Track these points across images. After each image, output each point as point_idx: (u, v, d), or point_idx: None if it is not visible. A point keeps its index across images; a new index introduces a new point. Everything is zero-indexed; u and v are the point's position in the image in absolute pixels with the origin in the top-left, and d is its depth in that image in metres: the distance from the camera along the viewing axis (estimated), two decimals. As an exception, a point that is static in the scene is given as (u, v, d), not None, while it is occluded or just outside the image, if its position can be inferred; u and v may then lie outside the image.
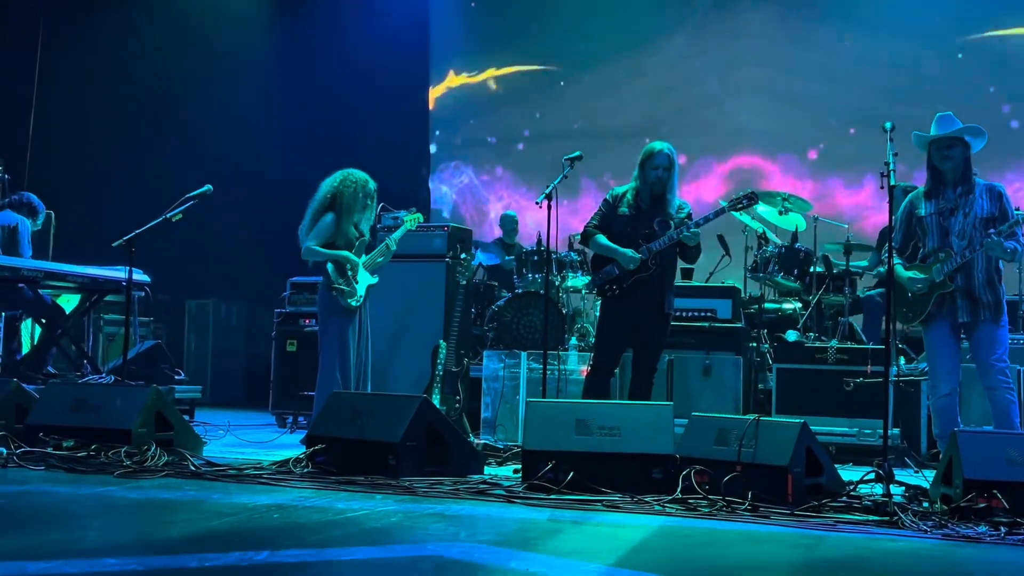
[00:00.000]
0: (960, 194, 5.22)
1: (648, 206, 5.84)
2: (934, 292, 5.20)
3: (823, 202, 9.60)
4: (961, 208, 5.21)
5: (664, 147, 5.84)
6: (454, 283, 7.23)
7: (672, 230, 5.72)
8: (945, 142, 5.21)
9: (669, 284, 5.89)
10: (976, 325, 5.20)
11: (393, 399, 5.31)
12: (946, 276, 5.16)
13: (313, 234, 6.27)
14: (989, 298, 5.19)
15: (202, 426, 6.93)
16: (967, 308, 5.19)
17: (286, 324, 8.25)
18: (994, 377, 5.14)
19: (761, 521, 4.02)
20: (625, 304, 5.82)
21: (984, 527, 3.85)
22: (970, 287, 5.18)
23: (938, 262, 5.20)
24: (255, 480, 4.74)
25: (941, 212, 5.24)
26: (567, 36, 11.44)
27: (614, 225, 5.87)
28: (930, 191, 5.30)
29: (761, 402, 7.06)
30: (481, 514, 4.06)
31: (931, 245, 5.28)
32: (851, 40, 10.21)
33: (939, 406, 5.27)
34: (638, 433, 4.72)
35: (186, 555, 3.13)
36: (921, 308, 5.25)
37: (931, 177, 5.32)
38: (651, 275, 5.76)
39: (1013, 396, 5.16)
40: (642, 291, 5.78)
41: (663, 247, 5.73)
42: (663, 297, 5.83)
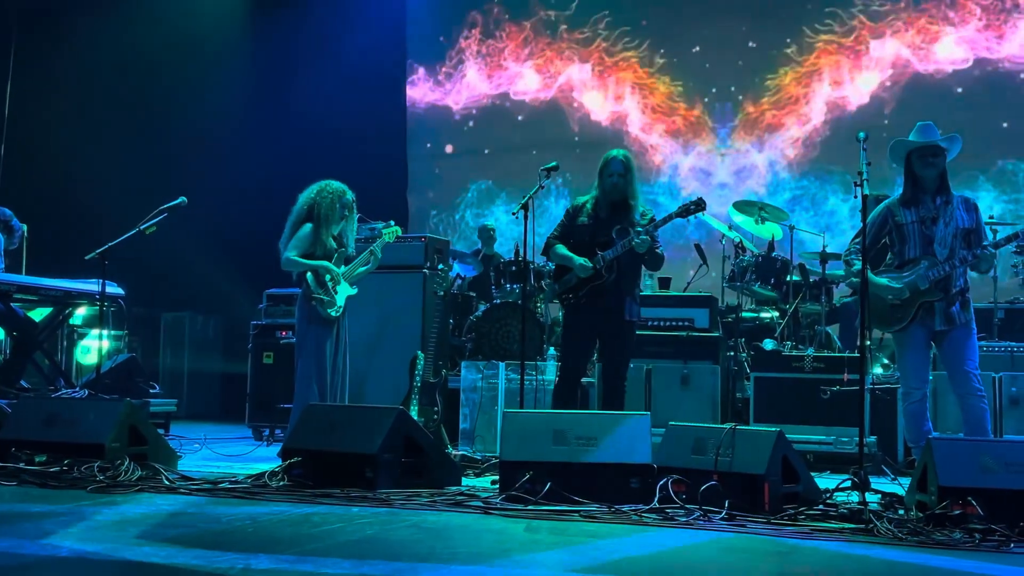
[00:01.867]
0: (940, 204, 5.28)
1: (607, 214, 5.82)
2: (918, 299, 5.24)
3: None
4: (942, 217, 5.26)
5: (619, 153, 5.84)
6: (431, 294, 7.23)
7: (624, 238, 5.68)
8: (930, 150, 5.27)
9: (629, 291, 5.82)
10: (950, 333, 5.26)
11: (369, 411, 5.30)
12: (932, 284, 5.21)
13: (292, 244, 6.28)
14: (964, 308, 5.27)
15: (177, 440, 6.90)
16: (944, 317, 5.24)
17: (262, 336, 8.22)
18: (968, 385, 5.20)
19: (738, 530, 4.04)
20: (584, 313, 5.81)
21: (959, 534, 3.88)
22: (948, 296, 5.24)
23: (920, 269, 5.24)
24: (230, 494, 4.71)
25: (923, 220, 5.28)
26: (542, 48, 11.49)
27: (574, 235, 5.85)
28: (909, 199, 5.34)
29: (739, 411, 7.10)
30: (458, 525, 4.06)
31: (911, 253, 5.31)
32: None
33: (912, 411, 5.34)
34: (616, 443, 4.74)
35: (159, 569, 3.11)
36: (903, 315, 5.28)
37: (910, 185, 5.35)
38: (607, 283, 5.73)
39: (986, 404, 5.23)
40: (599, 299, 5.76)
41: (616, 255, 5.70)
42: (622, 305, 5.78)
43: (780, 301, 7.70)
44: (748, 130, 10.56)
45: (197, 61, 11.01)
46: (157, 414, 7.70)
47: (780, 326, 7.53)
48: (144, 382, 7.97)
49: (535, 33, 11.58)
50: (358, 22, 11.67)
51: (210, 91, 11.10)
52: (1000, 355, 6.66)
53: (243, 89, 11.48)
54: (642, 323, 6.08)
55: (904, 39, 10.04)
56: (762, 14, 10.58)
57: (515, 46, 11.66)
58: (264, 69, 11.61)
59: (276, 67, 11.59)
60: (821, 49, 10.32)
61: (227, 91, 11.33)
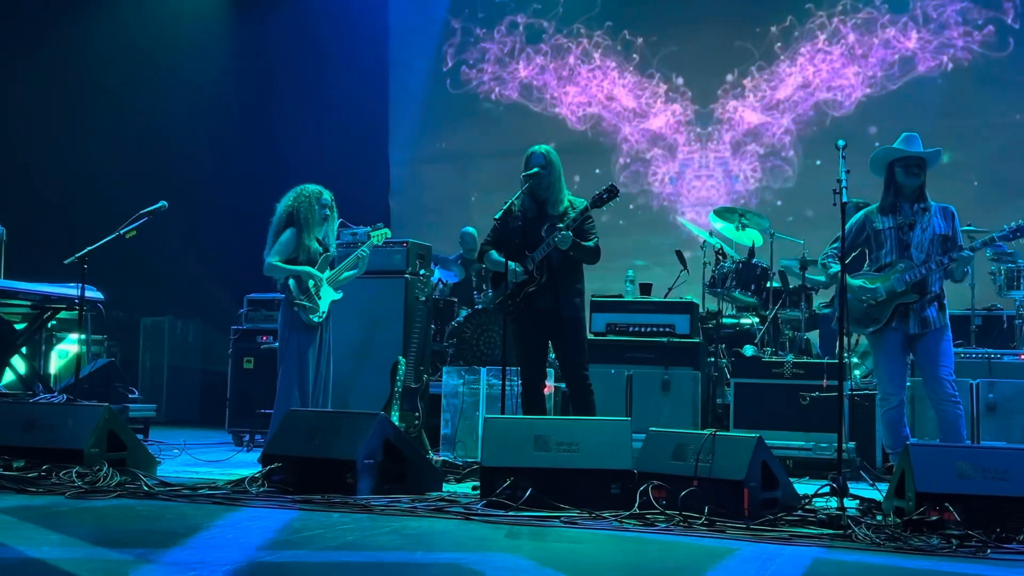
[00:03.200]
0: (918, 210, 5.39)
1: (535, 213, 5.75)
2: (893, 301, 5.32)
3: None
4: (919, 223, 5.38)
5: (540, 148, 5.76)
6: (413, 299, 7.23)
7: (550, 236, 5.59)
8: (915, 160, 5.39)
9: (565, 289, 5.69)
10: (925, 338, 5.33)
11: (351, 416, 5.30)
12: (908, 286, 5.28)
13: (275, 250, 6.26)
14: (939, 312, 5.35)
15: (156, 445, 6.86)
16: (919, 320, 5.33)
17: (243, 341, 8.19)
18: (943, 391, 5.30)
19: (717, 535, 4.06)
20: (525, 317, 5.75)
21: (936, 540, 3.91)
22: (924, 299, 5.32)
23: (897, 272, 5.33)
24: (210, 499, 4.69)
25: (900, 226, 5.41)
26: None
27: (507, 238, 5.75)
28: (887, 206, 5.46)
29: (719, 416, 7.13)
30: (438, 531, 4.06)
31: (888, 258, 5.43)
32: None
33: (889, 418, 5.41)
34: (596, 449, 4.75)
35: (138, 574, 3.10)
36: (879, 315, 5.37)
37: (891, 192, 5.47)
38: (541, 284, 5.66)
39: (961, 410, 5.32)
40: (536, 301, 5.69)
41: (544, 254, 5.63)
42: (558, 303, 5.67)
43: (760, 307, 7.74)
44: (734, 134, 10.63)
45: (178, 63, 10.97)
46: (136, 419, 7.66)
47: (760, 332, 7.57)
48: (123, 387, 7.94)
49: (518, 38, 11.60)
50: (341, 23, 11.65)
51: (191, 94, 11.06)
52: (977, 362, 6.72)
53: (225, 92, 11.45)
54: (580, 317, 5.84)
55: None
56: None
57: (499, 50, 11.68)
58: (246, 72, 11.59)
59: (258, 70, 11.57)
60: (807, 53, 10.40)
61: (208, 94, 11.30)
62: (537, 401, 5.87)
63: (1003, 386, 6.45)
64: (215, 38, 11.66)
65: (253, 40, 11.63)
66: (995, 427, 6.39)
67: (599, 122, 11.05)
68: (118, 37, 10.65)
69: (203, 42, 11.47)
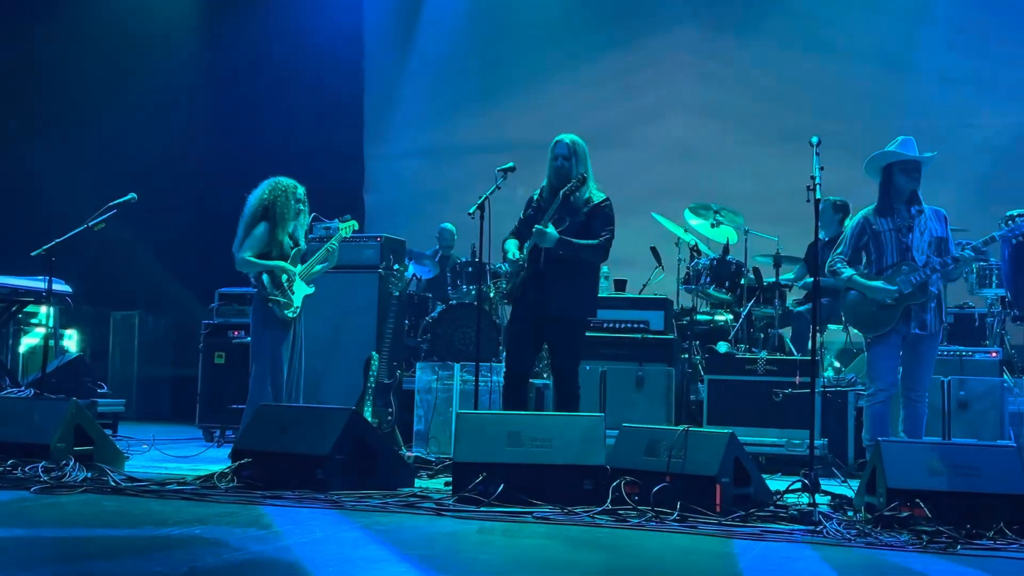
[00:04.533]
0: (914, 213, 5.46)
1: (548, 203, 5.54)
2: (902, 303, 5.37)
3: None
4: (917, 226, 5.44)
5: (566, 137, 5.59)
6: (387, 294, 7.20)
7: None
8: (914, 164, 5.43)
9: (557, 286, 5.44)
10: (923, 339, 5.42)
11: (322, 411, 5.27)
12: (915, 288, 5.34)
13: (247, 244, 6.19)
14: (936, 316, 5.44)
15: (125, 441, 6.80)
16: (919, 322, 5.39)
17: (214, 336, 8.12)
18: (920, 391, 5.44)
19: (689, 531, 4.07)
20: (519, 308, 5.62)
21: (907, 536, 3.94)
22: (927, 302, 5.40)
23: (902, 274, 5.37)
24: (178, 495, 4.65)
25: (899, 229, 5.45)
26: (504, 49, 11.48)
27: (526, 228, 5.57)
28: (883, 209, 5.50)
29: (693, 413, 7.15)
30: (409, 527, 4.04)
31: (888, 260, 5.45)
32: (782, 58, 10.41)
33: (875, 411, 5.47)
34: (569, 445, 4.75)
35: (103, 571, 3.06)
36: (889, 318, 5.41)
37: (888, 195, 5.50)
38: (532, 275, 5.47)
39: (927, 408, 5.48)
40: (529, 293, 5.52)
41: (532, 246, 5.44)
42: (549, 299, 5.44)
43: (734, 304, 7.77)
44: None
45: (147, 53, 10.83)
46: (105, 414, 7.58)
47: (734, 329, 7.59)
48: (92, 382, 7.85)
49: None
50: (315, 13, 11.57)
51: (161, 85, 10.93)
52: (949, 359, 6.76)
53: (194, 82, 11.34)
54: (588, 318, 5.72)
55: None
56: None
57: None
58: (216, 62, 11.47)
59: (228, 60, 11.44)
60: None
61: (178, 85, 11.18)
62: (517, 397, 5.70)
63: (974, 383, 6.50)
64: (185, 31, 11.53)
65: (225, 32, 11.50)
66: (966, 424, 6.44)
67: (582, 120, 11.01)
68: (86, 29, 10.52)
69: (174, 34, 11.34)
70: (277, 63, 11.27)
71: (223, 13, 11.51)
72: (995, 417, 6.41)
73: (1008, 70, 9.67)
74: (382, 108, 12.00)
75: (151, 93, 10.81)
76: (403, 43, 12.00)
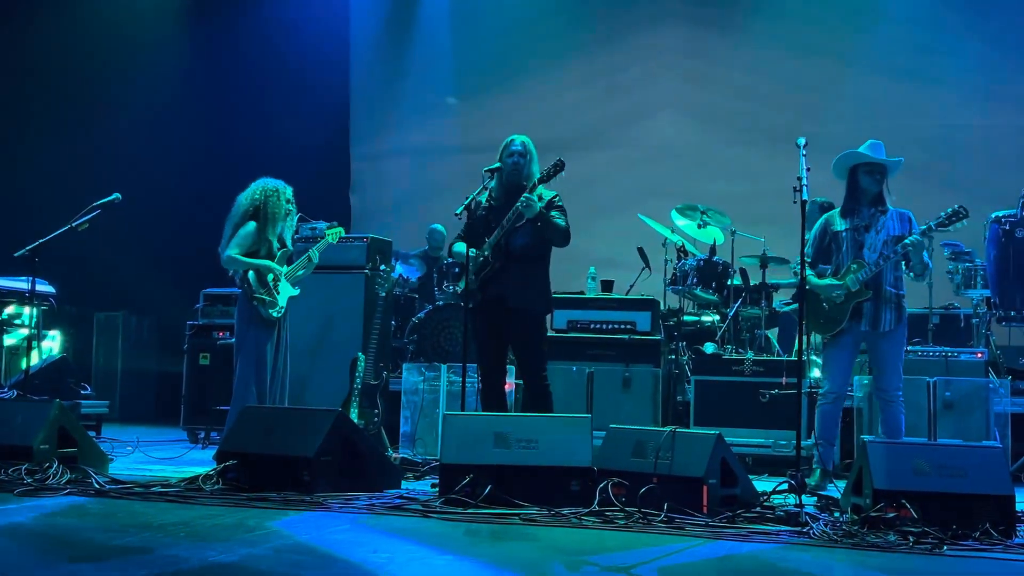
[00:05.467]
0: (874, 213, 5.55)
1: (502, 201, 5.65)
2: (851, 301, 5.45)
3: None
4: (874, 226, 5.54)
5: (518, 137, 5.72)
6: (373, 295, 7.19)
7: (504, 219, 5.48)
8: (878, 167, 5.53)
9: (518, 278, 5.55)
10: (881, 339, 5.47)
11: (307, 413, 5.25)
12: (862, 284, 5.42)
13: (234, 242, 6.17)
14: (894, 311, 5.49)
15: (109, 442, 6.78)
16: (871, 319, 5.47)
17: (199, 337, 8.09)
18: (892, 392, 5.51)
19: (676, 532, 4.07)
20: (481, 306, 5.64)
21: (893, 536, 3.95)
22: (878, 298, 5.46)
23: (851, 272, 5.46)
24: (162, 498, 4.63)
25: (856, 228, 5.57)
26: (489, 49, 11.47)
27: (475, 228, 5.67)
28: (847, 210, 5.62)
29: (680, 414, 7.16)
30: (396, 529, 4.04)
31: (846, 260, 5.56)
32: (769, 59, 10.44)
33: (824, 411, 5.58)
34: (556, 446, 4.75)
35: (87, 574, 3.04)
36: (839, 317, 5.49)
37: (851, 197, 5.62)
38: (494, 271, 5.53)
39: (903, 410, 5.54)
40: (489, 289, 5.58)
41: (498, 239, 5.51)
42: (506, 292, 5.53)
43: (721, 305, 7.78)
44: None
45: (132, 52, 10.76)
46: (88, 416, 7.56)
47: (721, 330, 7.61)
48: (75, 383, 7.82)
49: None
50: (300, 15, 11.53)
51: (145, 84, 10.86)
52: (935, 360, 6.78)
53: (179, 82, 11.26)
54: (545, 315, 5.79)
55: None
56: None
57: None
58: (201, 61, 11.40)
59: (213, 59, 11.38)
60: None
61: (163, 84, 11.10)
62: (496, 398, 5.77)
63: (960, 384, 6.52)
64: (170, 32, 11.47)
65: (210, 32, 11.44)
66: (952, 425, 6.47)
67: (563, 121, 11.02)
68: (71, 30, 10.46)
69: (159, 35, 11.27)
70: (263, 63, 11.22)
71: (208, 14, 11.46)
72: (981, 418, 6.44)
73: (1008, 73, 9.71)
74: (368, 108, 11.97)
75: (135, 93, 10.74)
76: (389, 43, 11.97)
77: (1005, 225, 6.86)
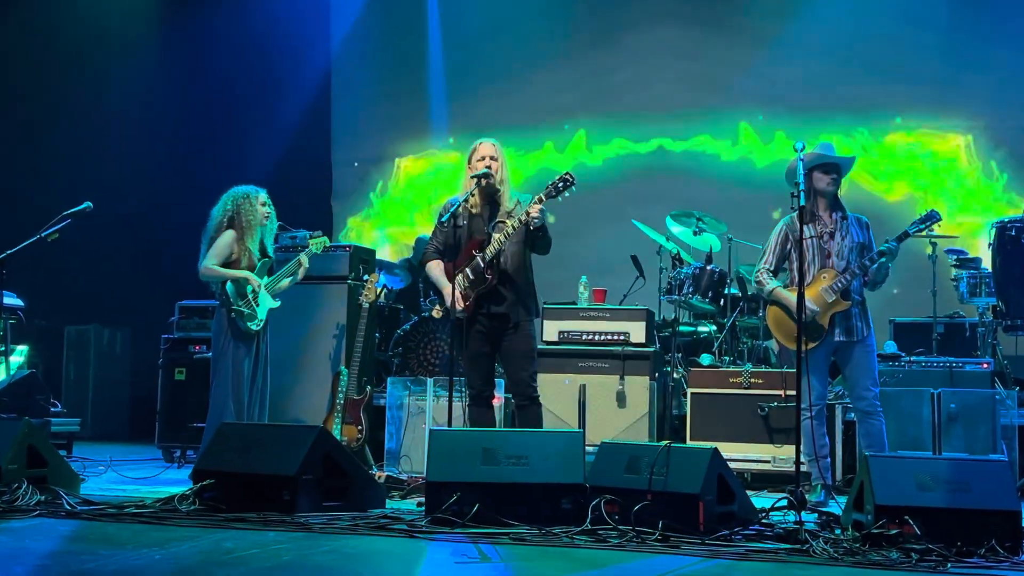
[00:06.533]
0: (837, 219, 5.66)
1: (480, 211, 5.63)
2: (828, 312, 5.54)
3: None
4: (839, 231, 5.64)
5: (487, 140, 5.68)
6: (356, 306, 7.20)
7: (499, 234, 5.44)
8: (834, 166, 5.63)
9: (521, 291, 5.56)
10: (851, 349, 5.61)
11: (288, 430, 5.26)
12: (837, 294, 5.52)
13: (212, 252, 6.18)
14: (863, 321, 5.63)
15: (80, 462, 6.75)
16: (844, 328, 5.60)
17: (174, 351, 8.09)
18: (870, 402, 5.60)
19: (671, 551, 4.09)
20: (476, 323, 5.60)
21: (896, 554, 3.97)
22: (849, 308, 5.58)
23: (823, 281, 5.55)
24: (136, 519, 4.62)
25: (821, 235, 5.65)
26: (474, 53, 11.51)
27: (452, 240, 5.60)
28: (806, 216, 5.57)
29: (676, 428, 7.19)
30: (380, 550, 4.05)
31: (812, 268, 5.62)
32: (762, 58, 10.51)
33: (806, 427, 5.61)
34: (547, 462, 4.76)
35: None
36: (820, 329, 5.58)
37: (810, 201, 5.61)
38: (490, 286, 5.50)
39: (883, 420, 5.63)
40: (487, 305, 5.54)
41: (496, 253, 5.48)
42: (510, 307, 5.53)
43: (718, 315, 7.82)
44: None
45: (105, 55, 10.76)
46: (59, 434, 7.54)
47: (718, 340, 7.64)
48: (45, 400, 7.79)
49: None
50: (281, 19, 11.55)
51: (119, 88, 10.86)
52: (939, 370, 6.81)
53: (155, 87, 11.27)
54: (531, 323, 5.73)
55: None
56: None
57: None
58: (178, 65, 11.41)
59: (191, 63, 11.39)
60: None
61: (137, 89, 11.11)
62: (486, 413, 5.79)
63: (965, 396, 6.53)
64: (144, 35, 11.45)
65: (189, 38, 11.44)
66: (957, 438, 6.49)
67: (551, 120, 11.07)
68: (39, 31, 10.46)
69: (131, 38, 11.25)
70: (240, 67, 11.22)
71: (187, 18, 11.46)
72: (987, 431, 6.46)
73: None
74: (351, 114, 11.99)
75: (108, 99, 10.74)
76: (372, 48, 11.99)
77: (1011, 230, 6.92)
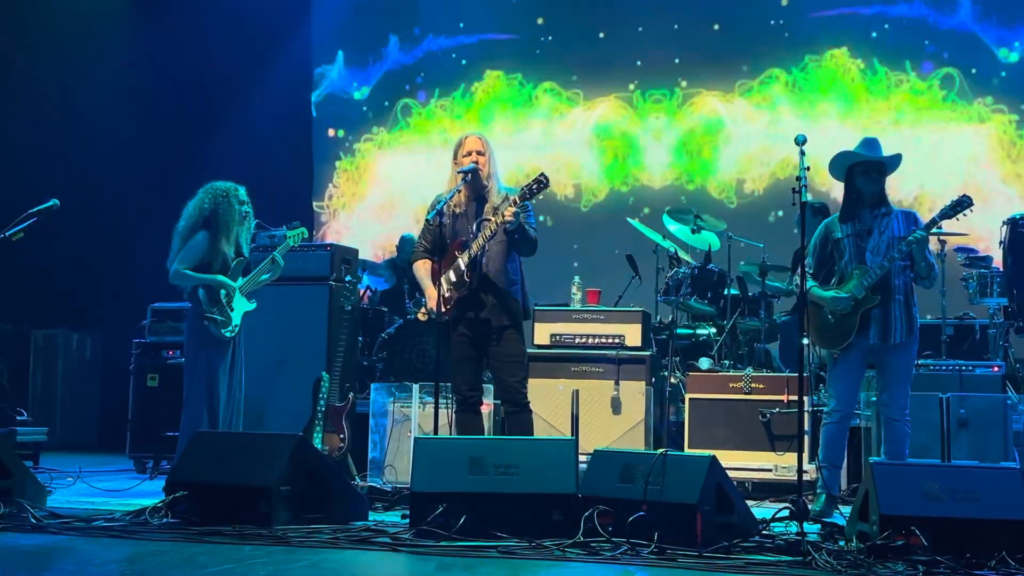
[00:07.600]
0: (876, 216, 5.57)
1: (466, 207, 5.61)
2: (859, 311, 5.46)
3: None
4: (877, 228, 5.55)
5: (474, 134, 5.65)
6: (338, 308, 7.18)
7: (479, 235, 5.42)
8: (875, 165, 5.53)
9: (501, 295, 5.52)
10: (889, 349, 5.48)
11: (265, 439, 5.26)
12: (867, 290, 5.43)
13: (183, 255, 6.14)
14: (905, 322, 5.49)
15: (47, 473, 6.74)
16: (881, 328, 5.47)
17: (146, 356, 8.07)
18: (899, 410, 5.52)
19: (667, 564, 4.09)
20: (460, 327, 5.59)
21: (902, 566, 3.98)
22: (887, 305, 5.46)
23: (854, 278, 5.47)
24: (105, 533, 4.62)
25: (858, 234, 5.58)
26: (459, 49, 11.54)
27: (439, 240, 5.55)
28: (847, 214, 5.63)
29: (673, 435, 7.19)
30: (362, 564, 4.04)
31: (848, 268, 5.57)
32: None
33: (831, 431, 5.59)
34: (537, 472, 4.76)
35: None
36: (847, 330, 5.49)
37: (849, 200, 5.64)
38: (470, 290, 5.49)
39: (909, 428, 5.55)
40: (469, 308, 5.53)
41: (476, 256, 5.45)
42: (494, 310, 5.50)
43: (717, 317, 7.82)
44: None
45: (75, 43, 10.72)
46: (25, 444, 7.53)
47: (717, 343, 7.65)
48: (10, 408, 7.79)
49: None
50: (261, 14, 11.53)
51: (89, 80, 10.83)
52: (948, 374, 6.78)
53: (127, 79, 11.23)
54: (519, 326, 5.67)
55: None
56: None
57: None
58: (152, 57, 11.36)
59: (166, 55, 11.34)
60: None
61: (109, 80, 11.07)
62: (474, 420, 5.77)
63: (975, 400, 6.52)
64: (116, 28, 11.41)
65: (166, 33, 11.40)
66: (967, 444, 6.48)
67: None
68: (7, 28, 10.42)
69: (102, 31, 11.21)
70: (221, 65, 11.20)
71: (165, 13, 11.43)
72: (998, 437, 6.45)
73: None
74: (332, 111, 11.99)
75: (79, 93, 10.70)
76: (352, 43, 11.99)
77: (1022, 227, 6.94)
